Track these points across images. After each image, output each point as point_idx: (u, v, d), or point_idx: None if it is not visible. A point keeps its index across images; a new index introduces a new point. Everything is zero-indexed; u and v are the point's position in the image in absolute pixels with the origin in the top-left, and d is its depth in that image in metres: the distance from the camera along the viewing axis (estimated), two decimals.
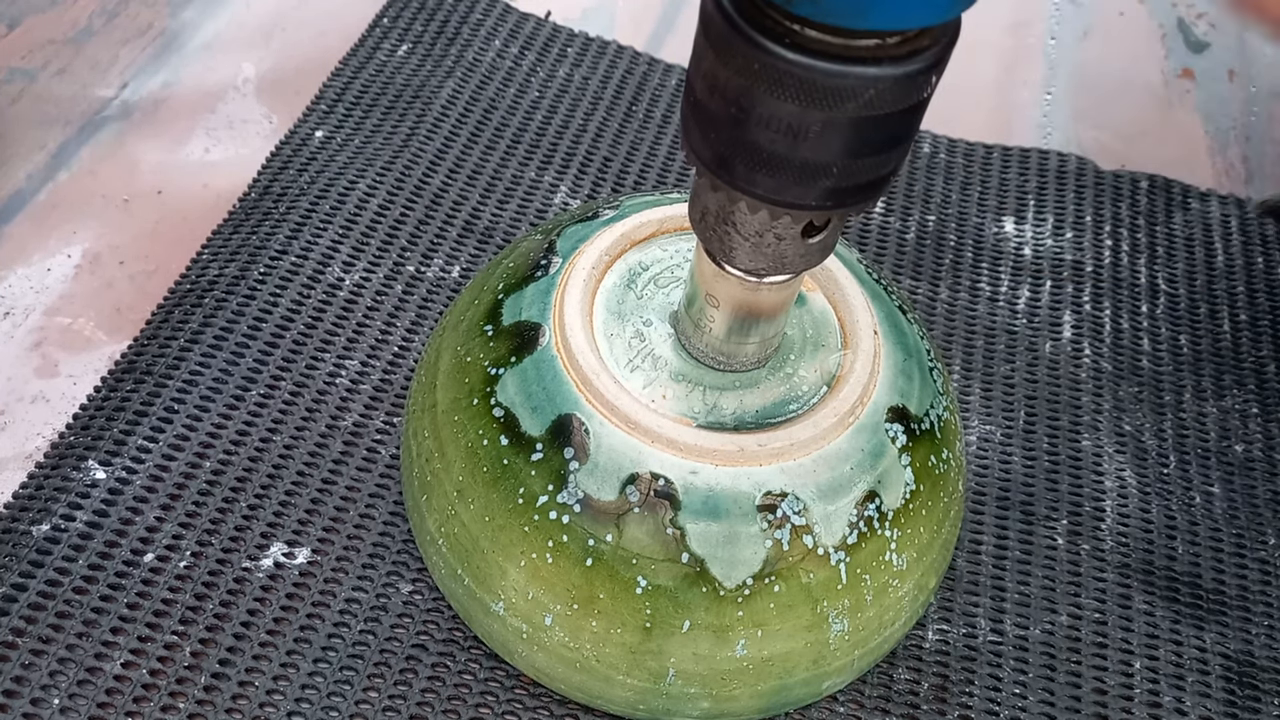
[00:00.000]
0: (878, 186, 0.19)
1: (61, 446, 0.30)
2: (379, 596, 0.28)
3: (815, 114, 0.17)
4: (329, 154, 0.38)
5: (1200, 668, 0.29)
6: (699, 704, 0.25)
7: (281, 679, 0.26)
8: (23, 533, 0.28)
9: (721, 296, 0.23)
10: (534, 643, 0.25)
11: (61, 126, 0.39)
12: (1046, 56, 0.48)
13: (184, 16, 0.44)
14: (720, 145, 0.19)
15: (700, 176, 0.20)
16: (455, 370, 0.26)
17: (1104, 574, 0.31)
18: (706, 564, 0.23)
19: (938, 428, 0.26)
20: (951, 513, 0.27)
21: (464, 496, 0.25)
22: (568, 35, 0.44)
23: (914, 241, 0.39)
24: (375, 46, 0.42)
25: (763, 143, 0.18)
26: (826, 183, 0.18)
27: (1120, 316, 0.37)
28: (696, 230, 0.22)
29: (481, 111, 0.40)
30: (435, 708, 0.26)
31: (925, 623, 0.29)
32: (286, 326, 0.33)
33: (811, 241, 0.21)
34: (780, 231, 0.20)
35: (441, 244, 0.36)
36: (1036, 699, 0.28)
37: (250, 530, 0.29)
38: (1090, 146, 0.44)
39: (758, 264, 0.21)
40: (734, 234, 0.21)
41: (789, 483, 0.24)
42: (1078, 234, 0.40)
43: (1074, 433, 0.34)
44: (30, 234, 0.36)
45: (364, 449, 0.31)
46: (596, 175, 0.39)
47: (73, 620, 0.26)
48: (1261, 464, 0.34)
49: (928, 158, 0.42)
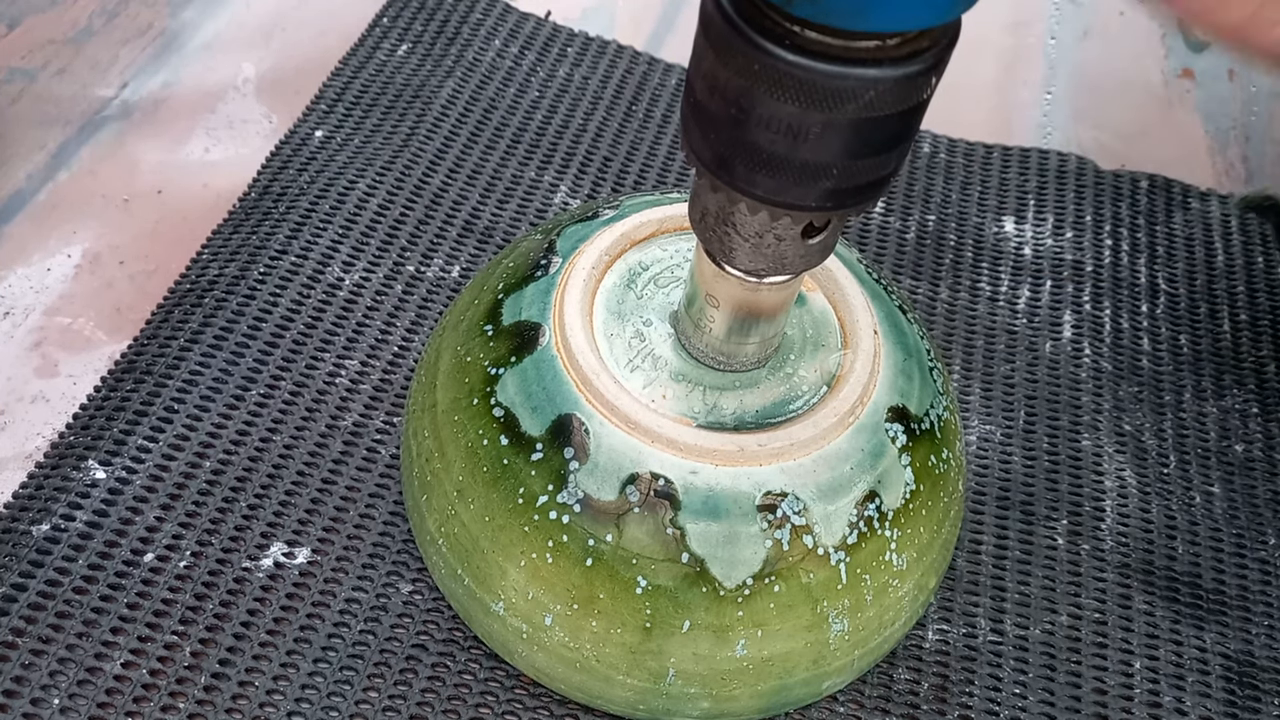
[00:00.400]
0: (878, 187, 0.19)
1: (61, 446, 0.30)
2: (379, 596, 0.28)
3: (815, 115, 0.17)
4: (329, 154, 0.38)
5: (1200, 668, 0.29)
6: (699, 704, 0.25)
7: (281, 679, 0.26)
8: (23, 533, 0.28)
9: (721, 297, 0.23)
10: (534, 643, 0.25)
11: (61, 126, 0.39)
12: (1046, 56, 0.48)
13: (184, 16, 0.44)
14: (720, 146, 0.19)
15: (700, 177, 0.20)
16: (455, 370, 0.26)
17: (1104, 574, 0.31)
18: (706, 564, 0.23)
19: (938, 428, 0.26)
20: (951, 513, 0.27)
21: (464, 496, 0.25)
22: (568, 35, 0.44)
23: (914, 241, 0.39)
24: (375, 46, 0.42)
25: (763, 144, 0.18)
26: (826, 184, 0.18)
27: (1120, 316, 0.37)
28: (696, 231, 0.22)
29: (481, 111, 0.40)
30: (435, 708, 0.26)
31: (925, 623, 0.29)
32: (286, 326, 0.33)
33: (811, 242, 0.21)
34: (780, 232, 0.20)
35: (441, 244, 0.36)
36: (1036, 699, 0.28)
37: (250, 530, 0.29)
38: (1090, 146, 0.44)
39: (758, 264, 0.21)
40: (734, 235, 0.21)
41: (789, 483, 0.24)
42: (1078, 234, 0.40)
43: (1074, 433, 0.34)
44: (30, 234, 0.36)
45: (364, 449, 0.31)
46: (596, 175, 0.39)
47: (73, 620, 0.26)
48: (1261, 464, 0.34)
49: (928, 158, 0.41)
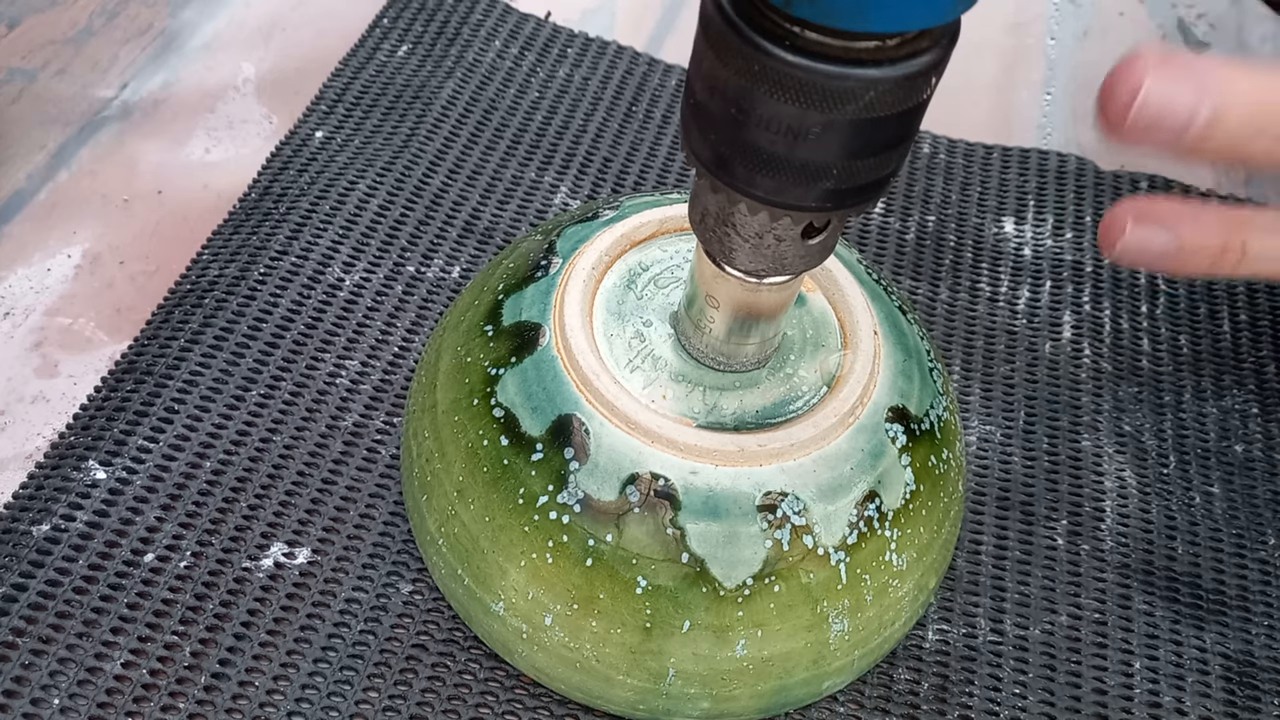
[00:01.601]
0: (878, 188, 0.19)
1: (61, 447, 0.30)
2: (379, 596, 0.28)
3: (815, 115, 0.17)
4: (329, 154, 0.38)
5: (1200, 668, 0.29)
6: (699, 704, 0.25)
7: (281, 679, 0.26)
8: (23, 533, 0.28)
9: (721, 297, 0.23)
10: (534, 643, 0.25)
11: (61, 126, 0.39)
12: (1046, 56, 0.48)
13: (184, 16, 0.44)
14: (720, 146, 0.19)
15: (700, 178, 0.20)
16: (455, 370, 0.26)
17: (1104, 574, 0.31)
18: (706, 564, 0.23)
19: (938, 428, 0.26)
20: (951, 513, 0.27)
21: (464, 497, 0.25)
22: (567, 36, 0.44)
23: (914, 242, 0.39)
24: (375, 47, 0.42)
25: (763, 144, 0.18)
26: (826, 184, 0.18)
27: (1120, 316, 0.37)
28: (696, 232, 0.22)
29: (481, 112, 0.40)
30: (435, 708, 0.26)
31: (925, 623, 0.29)
32: (286, 327, 0.33)
33: (811, 243, 0.21)
34: (780, 233, 0.20)
35: (441, 244, 0.36)
36: (1036, 699, 0.28)
37: (250, 530, 0.29)
38: (1090, 147, 0.44)
39: (758, 265, 0.21)
40: (734, 235, 0.21)
41: (789, 483, 0.24)
42: (1078, 234, 0.40)
43: (1074, 433, 0.34)
44: (30, 234, 0.36)
45: (364, 449, 0.31)
46: (596, 175, 0.39)
47: (73, 620, 0.26)
48: (1261, 464, 0.34)
49: (928, 158, 0.42)
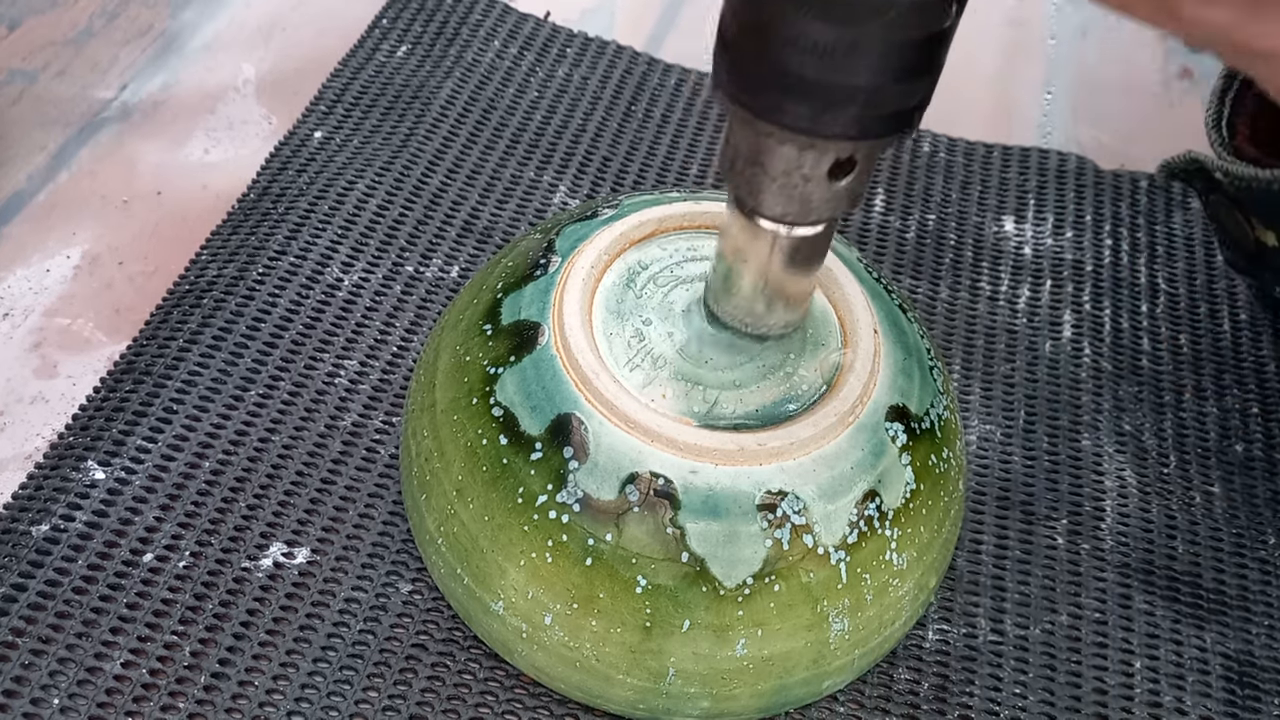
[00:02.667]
0: (904, 119, 0.20)
1: (61, 447, 0.30)
2: (378, 596, 0.28)
3: (839, 31, 0.18)
4: (328, 154, 0.38)
5: (1200, 668, 0.29)
6: (699, 703, 0.25)
7: (281, 679, 0.26)
8: (22, 533, 0.28)
9: (751, 253, 0.23)
10: (534, 642, 0.25)
11: (61, 127, 0.39)
12: (1046, 56, 0.48)
13: (184, 17, 0.44)
14: (748, 70, 0.19)
15: (730, 118, 0.21)
16: (454, 370, 0.26)
17: (1104, 574, 0.31)
18: (706, 563, 0.23)
19: (938, 427, 0.26)
20: (952, 512, 0.27)
21: (463, 496, 0.25)
22: (567, 35, 0.44)
23: (914, 241, 0.39)
24: (375, 47, 0.42)
25: (791, 66, 0.19)
26: (853, 109, 0.19)
27: (1120, 316, 0.37)
28: (727, 178, 0.22)
29: (481, 111, 0.40)
30: (435, 707, 0.26)
31: (925, 622, 0.29)
32: (285, 326, 0.33)
33: (838, 185, 0.21)
34: (808, 170, 0.21)
35: (440, 244, 0.36)
36: (1036, 699, 0.28)
37: (250, 530, 0.29)
38: (1090, 146, 0.44)
39: (786, 208, 0.22)
40: (762, 175, 0.21)
41: (789, 482, 0.24)
42: (1078, 233, 0.40)
43: (1074, 432, 0.34)
44: (30, 234, 0.36)
45: (363, 449, 0.31)
46: (596, 175, 0.39)
47: (72, 620, 0.26)
48: (1261, 464, 0.34)
49: (928, 157, 0.42)
